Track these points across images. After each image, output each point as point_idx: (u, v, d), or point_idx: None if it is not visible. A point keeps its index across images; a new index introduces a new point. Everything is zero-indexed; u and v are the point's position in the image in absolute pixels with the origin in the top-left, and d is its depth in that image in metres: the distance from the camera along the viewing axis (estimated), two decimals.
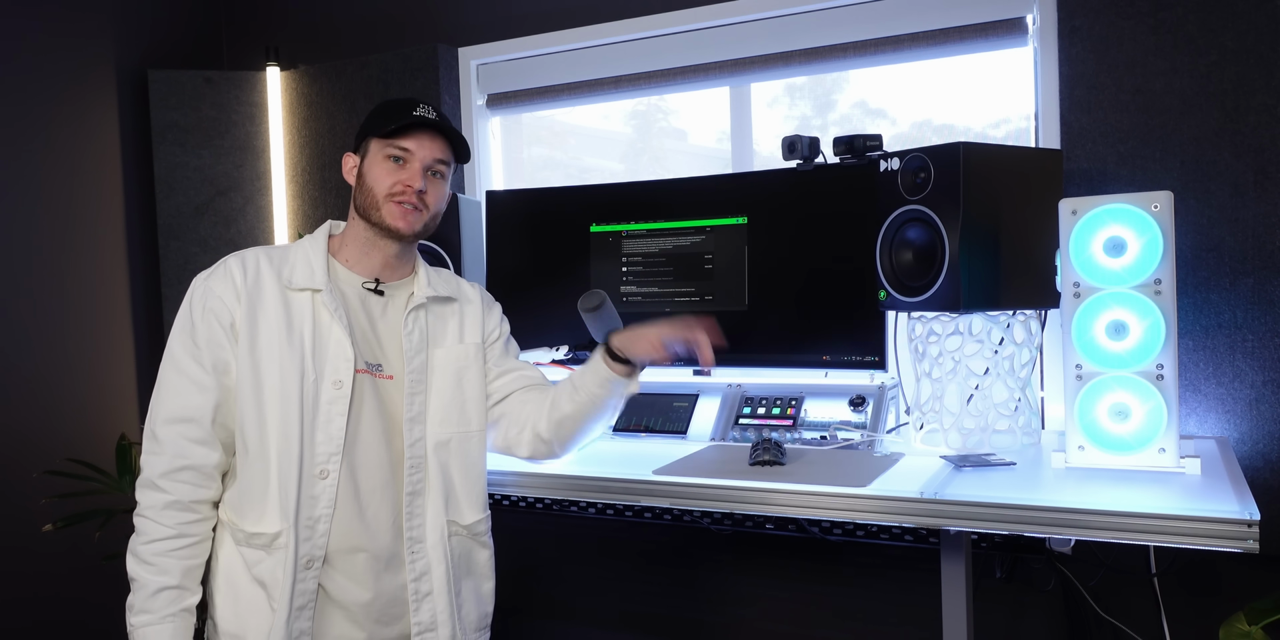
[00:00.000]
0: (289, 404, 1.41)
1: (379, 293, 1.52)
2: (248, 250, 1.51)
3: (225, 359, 1.43)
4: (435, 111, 1.51)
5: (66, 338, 2.81)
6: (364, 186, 1.50)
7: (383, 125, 1.48)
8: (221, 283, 1.45)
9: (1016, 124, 2.23)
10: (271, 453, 1.41)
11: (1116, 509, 1.33)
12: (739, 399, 2.00)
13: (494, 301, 1.70)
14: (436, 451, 1.50)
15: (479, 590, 1.57)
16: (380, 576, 1.45)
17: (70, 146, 2.82)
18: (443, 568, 1.48)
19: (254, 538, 1.42)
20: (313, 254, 1.50)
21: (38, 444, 2.71)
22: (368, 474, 1.45)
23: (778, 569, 2.39)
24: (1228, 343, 1.89)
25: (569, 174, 2.86)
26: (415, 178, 1.48)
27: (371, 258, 1.52)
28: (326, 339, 1.45)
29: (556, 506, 2.37)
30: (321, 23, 3.03)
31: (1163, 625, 1.95)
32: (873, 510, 1.48)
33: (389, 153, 1.48)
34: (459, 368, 1.55)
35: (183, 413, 1.42)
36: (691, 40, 2.48)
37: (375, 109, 1.54)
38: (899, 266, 1.77)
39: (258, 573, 1.42)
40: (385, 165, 1.48)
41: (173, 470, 1.41)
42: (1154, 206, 1.53)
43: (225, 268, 1.47)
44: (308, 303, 1.46)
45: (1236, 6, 1.87)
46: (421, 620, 1.47)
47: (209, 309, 1.44)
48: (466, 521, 1.54)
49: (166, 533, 1.40)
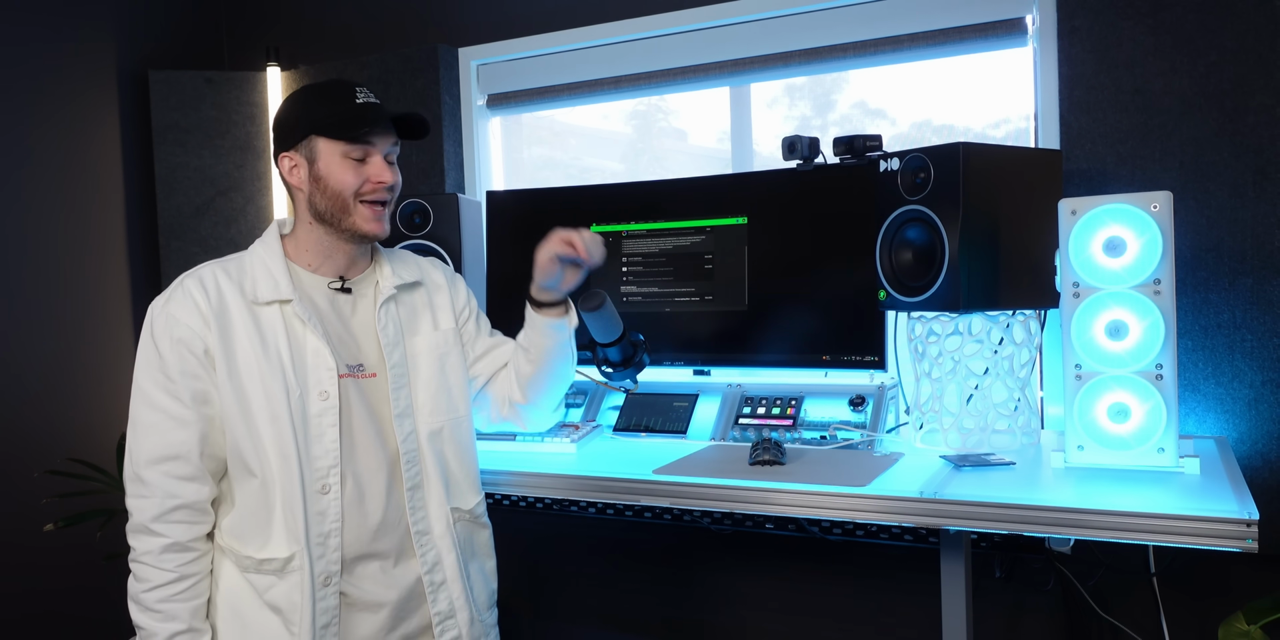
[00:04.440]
0: (280, 424, 1.37)
1: (346, 291, 1.48)
2: (201, 267, 1.44)
3: (203, 389, 1.37)
4: (371, 92, 1.44)
5: (67, 338, 2.81)
6: (326, 190, 1.41)
7: (332, 123, 1.40)
8: (183, 308, 1.37)
9: (1016, 124, 2.23)
10: (273, 475, 1.37)
11: (1116, 509, 1.33)
12: (739, 399, 2.01)
13: (456, 275, 1.67)
14: (431, 441, 1.49)
15: (484, 570, 1.58)
16: (394, 574, 1.45)
17: (71, 147, 2.82)
18: (453, 556, 1.48)
19: (264, 564, 1.38)
20: (271, 263, 1.43)
21: (39, 444, 2.71)
22: (369, 478, 1.43)
23: (778, 569, 2.39)
24: (1227, 343, 1.89)
25: (569, 174, 2.86)
26: (383, 172, 1.42)
27: (334, 259, 1.47)
28: (304, 350, 1.41)
29: (556, 506, 2.37)
30: (321, 23, 3.03)
31: (1162, 625, 1.95)
32: (873, 510, 1.49)
33: (348, 152, 1.41)
34: (440, 354, 1.54)
35: (167, 451, 1.36)
36: (691, 40, 2.48)
37: (306, 100, 1.43)
38: (899, 266, 1.78)
39: (270, 598, 1.38)
40: (346, 164, 1.41)
41: (165, 512, 1.35)
42: (1153, 206, 1.53)
43: (184, 291, 1.39)
44: (277, 315, 1.40)
45: (1236, 6, 1.87)
46: (440, 609, 1.47)
47: (177, 339, 1.36)
48: (468, 506, 1.55)
49: (168, 577, 1.35)
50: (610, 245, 2.23)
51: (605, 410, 2.13)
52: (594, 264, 1.54)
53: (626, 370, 1.86)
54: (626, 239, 2.21)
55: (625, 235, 2.22)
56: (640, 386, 2.00)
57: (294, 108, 1.43)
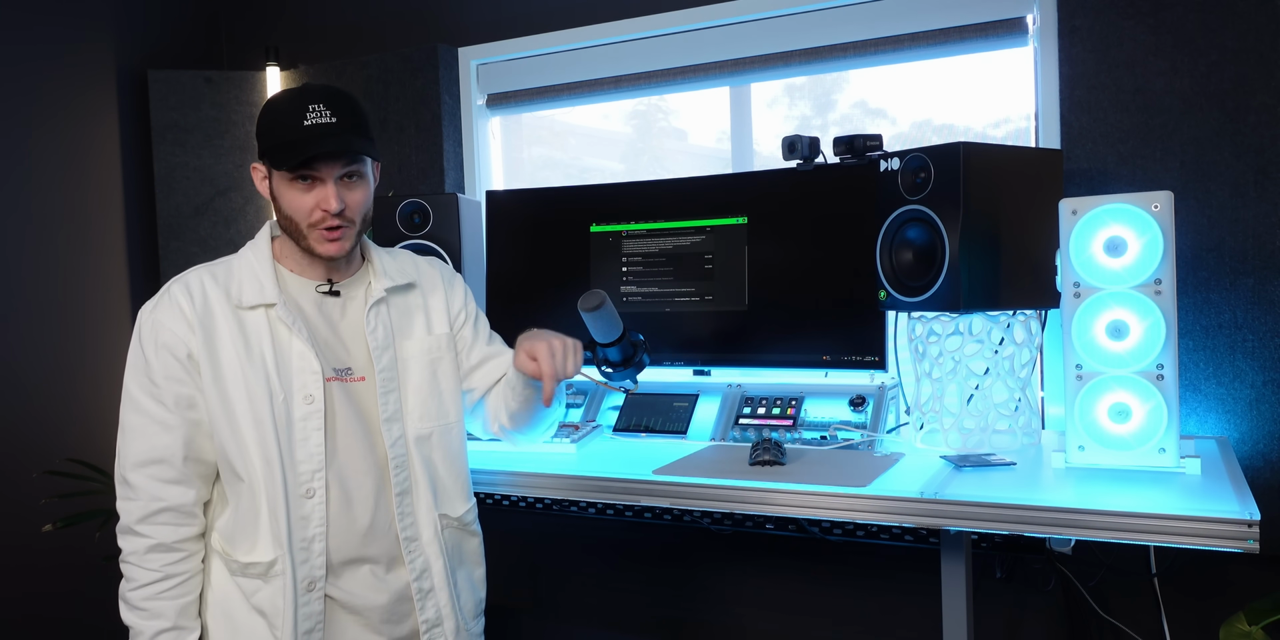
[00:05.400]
0: (263, 427, 1.36)
1: (334, 293, 1.46)
2: (189, 272, 1.43)
3: (187, 394, 1.38)
4: (330, 107, 1.34)
5: (67, 337, 2.81)
6: (281, 210, 1.39)
7: (273, 148, 1.35)
8: (169, 313, 1.38)
9: (1016, 124, 2.23)
10: (258, 479, 1.36)
11: (1116, 509, 1.33)
12: (739, 399, 2.00)
13: (455, 275, 1.62)
14: (419, 446, 1.47)
15: (472, 578, 1.56)
16: (386, 579, 1.44)
17: (70, 146, 2.82)
18: (440, 563, 1.47)
19: (249, 568, 1.38)
20: (259, 266, 1.42)
21: (38, 444, 2.71)
22: (355, 483, 1.42)
23: (778, 569, 2.39)
24: (1228, 343, 1.89)
25: (569, 174, 2.86)
26: (329, 200, 1.35)
27: (315, 266, 1.45)
28: (289, 354, 1.39)
29: (556, 506, 2.37)
30: (321, 23, 3.03)
31: (1163, 625, 1.95)
32: (873, 510, 1.48)
33: (293, 178, 1.36)
34: (431, 359, 1.51)
35: (151, 455, 1.37)
36: (691, 40, 2.48)
37: (265, 113, 1.38)
38: (899, 266, 1.77)
39: (256, 602, 1.38)
40: (294, 189, 1.36)
41: (149, 514, 1.37)
42: (1154, 206, 1.53)
43: (170, 297, 1.39)
44: (262, 319, 1.39)
45: (1236, 6, 1.87)
46: (428, 617, 1.46)
47: (162, 344, 1.37)
48: (457, 513, 1.52)
49: (153, 577, 1.37)
50: (610, 245, 2.23)
51: (605, 410, 2.13)
52: (559, 379, 1.43)
53: (626, 370, 1.86)
54: (626, 239, 2.21)
55: (625, 235, 2.21)
56: (640, 386, 2.00)
57: (260, 119, 1.40)
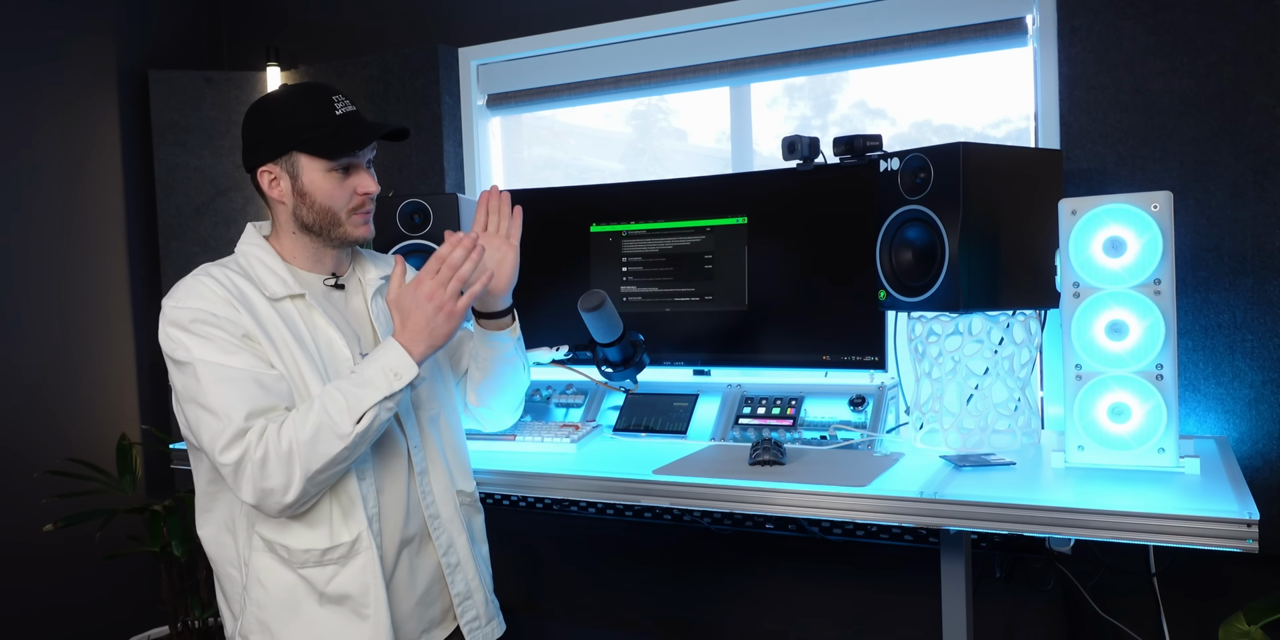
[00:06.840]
0: None
1: (339, 286, 1.49)
2: (199, 270, 1.40)
3: (265, 355, 1.34)
4: (345, 96, 1.41)
5: (67, 338, 2.81)
6: (313, 206, 1.40)
7: (316, 140, 1.37)
8: (207, 300, 1.33)
9: (1016, 124, 2.23)
10: None
11: (1116, 509, 1.33)
12: (739, 399, 2.01)
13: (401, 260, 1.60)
14: (432, 426, 1.50)
15: (483, 554, 1.60)
16: (416, 564, 1.45)
17: (71, 147, 2.82)
18: (464, 538, 1.51)
19: (328, 554, 1.35)
20: (270, 262, 1.42)
21: (38, 444, 2.71)
22: (387, 465, 1.43)
23: (778, 569, 2.39)
24: (1227, 343, 1.89)
25: (569, 174, 2.86)
26: (368, 183, 1.41)
27: (323, 261, 1.48)
28: (324, 341, 1.42)
29: (556, 506, 2.37)
30: (321, 23, 3.03)
31: (1162, 625, 1.95)
32: (873, 510, 1.48)
33: (333, 167, 1.39)
34: None
35: (265, 403, 1.30)
36: (691, 40, 2.48)
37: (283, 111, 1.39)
38: (899, 266, 1.77)
39: (334, 588, 1.35)
40: (331, 179, 1.39)
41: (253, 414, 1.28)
42: (1153, 206, 1.53)
43: (200, 284, 1.35)
44: (292, 309, 1.40)
45: (1236, 6, 1.87)
46: (459, 591, 1.49)
47: (220, 318, 1.31)
48: (469, 489, 1.57)
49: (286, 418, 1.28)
50: (610, 245, 2.23)
51: (605, 410, 2.13)
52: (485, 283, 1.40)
53: (626, 370, 1.87)
54: (626, 239, 2.21)
55: (625, 235, 2.22)
56: (640, 386, 2.00)
57: (270, 119, 1.39)
